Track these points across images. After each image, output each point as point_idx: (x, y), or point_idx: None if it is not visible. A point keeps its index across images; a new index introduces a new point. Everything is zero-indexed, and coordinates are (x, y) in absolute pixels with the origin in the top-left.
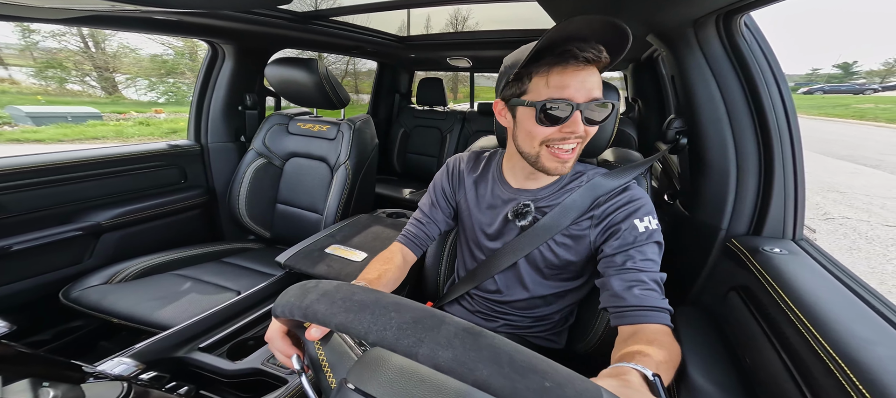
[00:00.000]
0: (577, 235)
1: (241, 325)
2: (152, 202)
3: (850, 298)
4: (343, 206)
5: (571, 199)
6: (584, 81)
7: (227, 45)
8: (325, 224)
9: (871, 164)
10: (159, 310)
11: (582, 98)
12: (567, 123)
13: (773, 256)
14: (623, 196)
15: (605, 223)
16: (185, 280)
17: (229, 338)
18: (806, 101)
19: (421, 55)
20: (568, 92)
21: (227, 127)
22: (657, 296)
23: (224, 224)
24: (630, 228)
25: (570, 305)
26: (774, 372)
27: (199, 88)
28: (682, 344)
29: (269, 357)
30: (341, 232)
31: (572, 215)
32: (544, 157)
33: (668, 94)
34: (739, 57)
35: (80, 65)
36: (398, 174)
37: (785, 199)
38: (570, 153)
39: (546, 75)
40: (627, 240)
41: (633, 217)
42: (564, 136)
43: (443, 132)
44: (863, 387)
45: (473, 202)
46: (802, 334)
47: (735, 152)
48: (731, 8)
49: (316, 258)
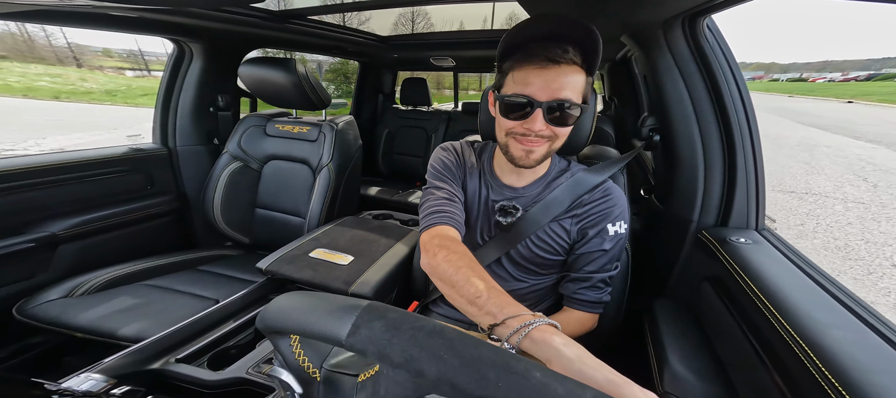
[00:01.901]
0: (558, 230)
1: (222, 335)
2: (115, 210)
3: (809, 284)
4: (327, 209)
5: (553, 195)
6: (550, 81)
7: (194, 44)
8: (309, 228)
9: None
10: (129, 322)
11: (544, 96)
12: (527, 120)
13: (740, 246)
14: (605, 199)
15: (584, 222)
16: (156, 290)
17: (209, 348)
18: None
19: (404, 55)
20: (530, 89)
21: (198, 129)
22: (595, 293)
23: (198, 231)
24: (601, 233)
25: (552, 297)
26: (745, 357)
27: (165, 89)
28: (662, 335)
29: (254, 364)
30: (326, 235)
31: (554, 212)
32: (512, 146)
33: (642, 92)
34: (703, 57)
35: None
36: (384, 175)
37: (747, 192)
38: (533, 145)
39: (513, 71)
40: (595, 244)
41: (607, 221)
42: (525, 131)
43: (428, 132)
44: (824, 367)
45: (473, 192)
46: (768, 320)
47: (702, 148)
48: (696, 10)
49: (300, 263)
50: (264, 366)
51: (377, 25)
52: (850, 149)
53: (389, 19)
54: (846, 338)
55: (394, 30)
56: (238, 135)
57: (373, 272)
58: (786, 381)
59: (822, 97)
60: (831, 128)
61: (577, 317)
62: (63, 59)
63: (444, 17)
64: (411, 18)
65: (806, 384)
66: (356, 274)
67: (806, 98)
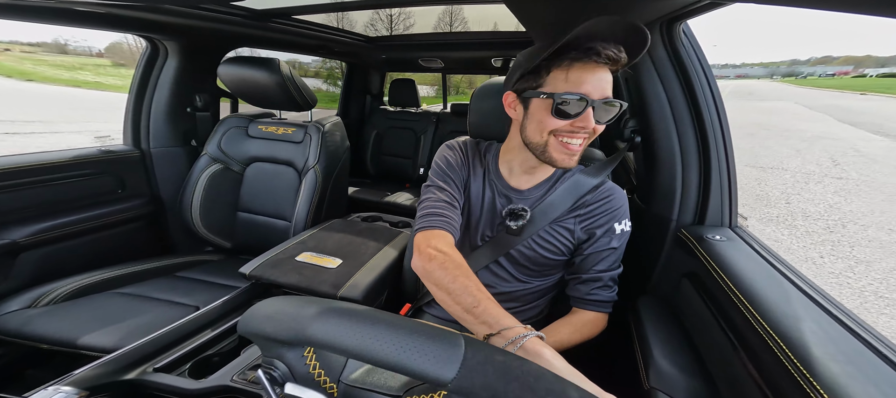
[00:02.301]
0: (561, 232)
1: (204, 342)
2: (82, 215)
3: (779, 279)
4: (314, 212)
5: (554, 197)
6: (601, 80)
7: (169, 42)
8: (295, 231)
9: None
10: (101, 332)
11: (597, 95)
12: (579, 118)
13: (715, 243)
14: (609, 199)
15: (590, 222)
16: (129, 298)
17: (190, 357)
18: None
19: (392, 56)
20: (585, 88)
21: (174, 130)
22: (607, 292)
23: (175, 236)
24: (609, 231)
25: (548, 297)
26: (722, 350)
27: (137, 89)
28: (646, 332)
29: (240, 371)
30: (313, 238)
31: (556, 213)
32: (552, 147)
33: (624, 94)
34: (679, 61)
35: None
36: (373, 176)
37: (722, 191)
38: (578, 148)
39: (567, 70)
40: (603, 242)
41: (614, 220)
42: (575, 129)
43: (417, 133)
44: (794, 357)
45: (477, 194)
46: (742, 314)
47: (679, 149)
48: (672, 16)
49: (286, 267)
50: (250, 373)
51: (360, 24)
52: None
53: (364, 17)
54: (812, 329)
55: (367, 29)
56: (218, 136)
57: (362, 275)
58: (759, 372)
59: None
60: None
61: (590, 318)
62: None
63: (478, 17)
64: (390, 18)
65: (777, 374)
66: (345, 277)
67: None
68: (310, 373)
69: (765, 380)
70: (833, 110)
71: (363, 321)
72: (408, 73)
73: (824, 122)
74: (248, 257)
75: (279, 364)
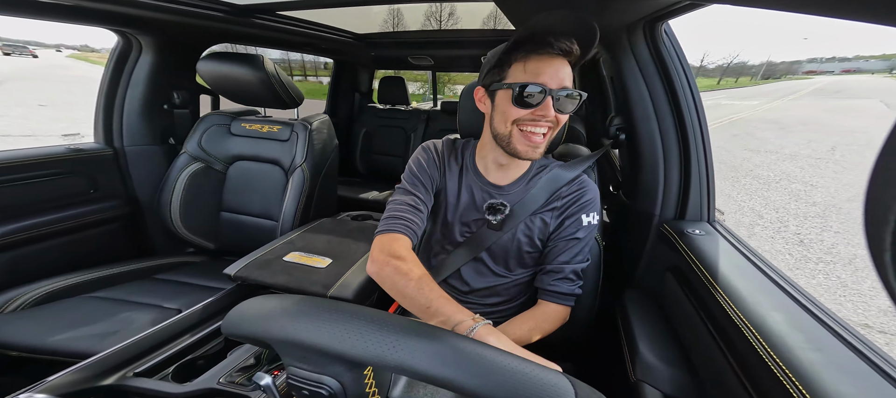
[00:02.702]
0: (539, 224)
1: (187, 345)
2: (50, 217)
3: (753, 271)
4: (302, 211)
5: (534, 191)
6: (558, 70)
7: (143, 37)
8: (282, 231)
9: None
10: (76, 337)
11: (554, 84)
12: (539, 107)
13: (695, 238)
14: (581, 192)
15: (564, 212)
16: (106, 302)
17: (173, 360)
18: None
19: (381, 53)
20: (542, 77)
21: (150, 128)
22: (568, 285)
23: (154, 237)
24: (575, 222)
25: (530, 291)
26: (703, 341)
27: (107, 85)
28: (632, 325)
29: (227, 374)
30: (302, 238)
31: (534, 207)
32: (516, 137)
33: (609, 93)
34: (661, 60)
35: None
36: (362, 175)
37: (701, 187)
38: (542, 138)
39: (524, 61)
40: (568, 232)
41: (582, 211)
42: (536, 118)
43: (407, 131)
44: (768, 347)
45: (452, 190)
46: (721, 306)
47: (661, 146)
48: (655, 16)
49: (274, 268)
50: (238, 376)
51: (342, 21)
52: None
53: (359, 13)
54: (785, 319)
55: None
56: (198, 134)
57: (353, 275)
58: (737, 362)
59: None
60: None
61: (552, 310)
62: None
63: (468, 15)
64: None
65: (754, 363)
66: (335, 277)
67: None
68: (365, 393)
69: (742, 370)
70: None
71: (462, 349)
72: (397, 71)
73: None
74: (233, 258)
75: (331, 382)
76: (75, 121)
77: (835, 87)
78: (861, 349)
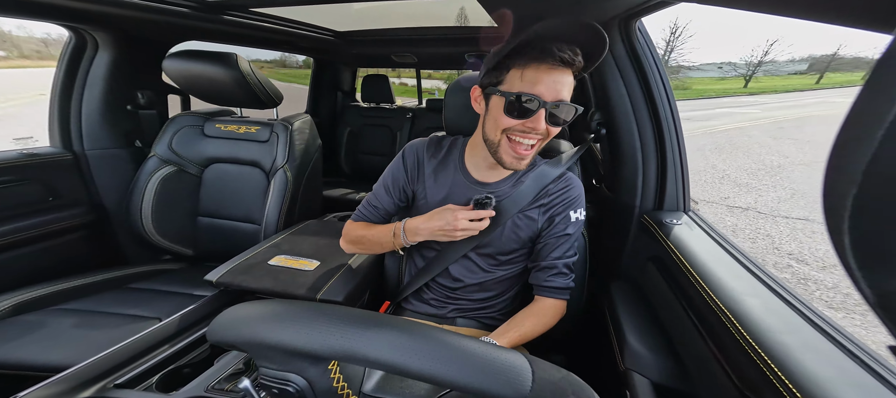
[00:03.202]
0: (526, 221)
1: (171, 354)
2: (5, 227)
3: (728, 259)
4: (286, 214)
5: (520, 190)
6: (556, 82)
7: (99, 34)
8: (266, 234)
9: None
10: (49, 350)
11: (550, 97)
12: (531, 119)
13: (673, 227)
14: (567, 189)
15: (551, 211)
16: (77, 314)
17: (156, 370)
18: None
19: (363, 51)
20: (538, 88)
21: (113, 130)
22: (562, 279)
23: (125, 246)
24: (565, 218)
25: (517, 286)
26: (686, 328)
27: (61, 85)
28: (619, 315)
29: (215, 382)
30: (287, 241)
31: (522, 203)
32: (503, 147)
33: (589, 89)
34: (636, 57)
35: None
36: (348, 175)
37: (676, 178)
38: (529, 150)
39: (522, 69)
40: (562, 231)
41: (570, 208)
42: (527, 130)
43: (393, 130)
44: (743, 330)
45: (433, 190)
46: (699, 293)
47: (639, 140)
48: (629, 13)
49: (258, 272)
50: (227, 384)
51: (322, 19)
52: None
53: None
54: (758, 304)
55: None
56: (168, 136)
57: (342, 276)
58: (717, 347)
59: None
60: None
61: (551, 305)
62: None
63: (450, 13)
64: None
65: (732, 348)
66: (324, 279)
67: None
68: (333, 387)
69: (721, 354)
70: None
71: (422, 337)
72: (381, 69)
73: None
74: (214, 264)
75: (296, 378)
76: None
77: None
78: (828, 331)
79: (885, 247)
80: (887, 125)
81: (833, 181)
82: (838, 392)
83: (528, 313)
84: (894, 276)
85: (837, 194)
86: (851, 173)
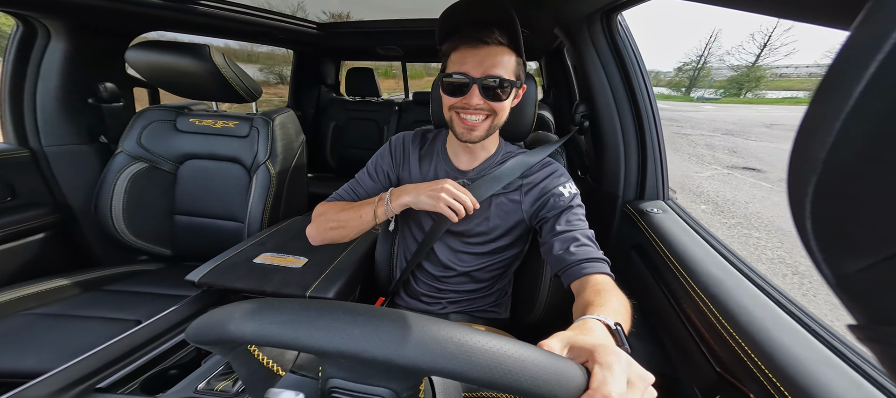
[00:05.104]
0: (511, 205)
1: (155, 356)
2: None
3: (704, 245)
4: (270, 210)
5: (501, 170)
6: (484, 59)
7: (50, 21)
8: (249, 232)
9: None
10: (20, 356)
11: (479, 73)
12: (466, 96)
13: (654, 216)
14: (548, 169)
15: (535, 191)
16: (49, 318)
17: (140, 372)
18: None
19: (346, 44)
20: (465, 67)
21: (73, 125)
22: (592, 249)
23: (96, 247)
24: (557, 194)
25: (507, 276)
26: (666, 313)
27: (11, 76)
28: None
29: (206, 381)
30: (272, 238)
31: (500, 184)
32: (455, 122)
33: (573, 81)
34: (617, 50)
35: None
36: (335, 170)
37: (656, 168)
38: (478, 123)
39: (453, 51)
40: (558, 204)
41: (557, 184)
42: (465, 106)
43: (379, 123)
44: (719, 314)
45: (417, 177)
46: (678, 278)
47: (621, 131)
48: (609, 7)
49: (243, 270)
50: (217, 383)
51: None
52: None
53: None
54: (734, 286)
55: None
56: (136, 131)
57: (332, 272)
58: (694, 330)
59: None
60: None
61: (601, 280)
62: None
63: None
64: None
65: (709, 331)
66: (313, 276)
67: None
68: (263, 367)
69: (699, 337)
70: None
71: (471, 339)
72: (365, 62)
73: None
74: (195, 264)
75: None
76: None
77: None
78: (793, 311)
79: (844, 232)
80: (844, 117)
81: (796, 169)
82: (804, 368)
83: (608, 295)
84: (852, 260)
85: (800, 182)
86: (813, 162)
